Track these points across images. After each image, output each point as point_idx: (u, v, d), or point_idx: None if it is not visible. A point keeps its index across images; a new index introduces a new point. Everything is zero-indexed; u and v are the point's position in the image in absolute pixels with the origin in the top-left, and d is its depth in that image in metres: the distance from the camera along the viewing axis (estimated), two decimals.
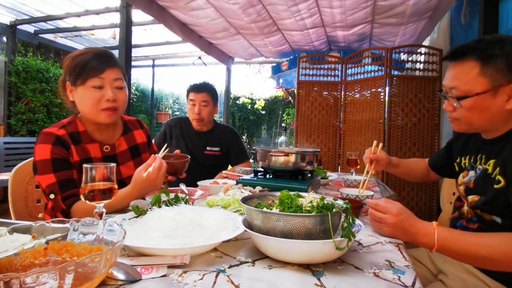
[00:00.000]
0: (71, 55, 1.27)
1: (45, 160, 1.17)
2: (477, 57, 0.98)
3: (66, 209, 1.15)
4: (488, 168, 1.02)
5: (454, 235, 0.86)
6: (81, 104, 1.26)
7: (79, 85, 1.23)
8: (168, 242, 0.75)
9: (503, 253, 0.81)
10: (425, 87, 3.23)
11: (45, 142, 1.19)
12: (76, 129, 1.29)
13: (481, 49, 0.98)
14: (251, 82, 24.16)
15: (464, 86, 1.00)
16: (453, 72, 1.04)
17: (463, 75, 1.00)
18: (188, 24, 3.97)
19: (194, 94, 2.28)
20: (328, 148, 3.74)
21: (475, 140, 1.18)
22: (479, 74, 0.97)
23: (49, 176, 1.16)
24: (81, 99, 1.25)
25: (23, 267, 0.59)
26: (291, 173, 1.49)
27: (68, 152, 1.22)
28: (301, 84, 3.81)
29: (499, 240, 0.84)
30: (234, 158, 2.38)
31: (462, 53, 1.02)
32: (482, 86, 0.97)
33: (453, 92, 1.03)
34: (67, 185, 1.17)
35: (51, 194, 1.15)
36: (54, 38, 5.80)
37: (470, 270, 1.08)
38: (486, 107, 0.98)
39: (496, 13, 2.20)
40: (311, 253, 0.70)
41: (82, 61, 1.22)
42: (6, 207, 1.51)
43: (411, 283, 0.65)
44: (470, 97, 0.99)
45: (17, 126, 5.12)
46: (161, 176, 1.13)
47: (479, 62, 0.98)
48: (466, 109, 1.01)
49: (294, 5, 3.23)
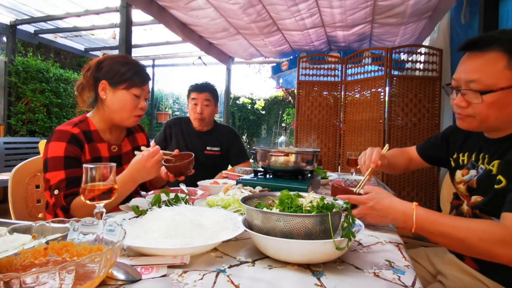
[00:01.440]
0: (115, 59, 1.37)
1: (57, 158, 1.20)
2: (504, 49, 0.89)
3: (66, 206, 1.16)
4: (492, 169, 0.98)
5: (433, 216, 0.86)
6: (116, 105, 1.34)
7: (121, 89, 1.33)
8: (168, 242, 0.75)
9: (479, 237, 0.79)
10: (425, 87, 3.23)
11: (59, 139, 1.23)
12: (88, 127, 1.34)
13: (508, 40, 0.90)
14: (251, 82, 24.17)
15: (488, 80, 0.90)
16: (472, 63, 0.94)
17: (487, 67, 0.91)
18: (188, 24, 3.97)
19: (196, 93, 2.29)
20: (328, 148, 3.74)
21: (475, 137, 1.13)
22: (506, 67, 0.89)
23: (59, 172, 1.19)
24: (120, 101, 1.34)
25: (23, 267, 0.59)
26: (291, 173, 1.49)
27: (81, 151, 1.27)
28: (301, 84, 3.81)
29: (479, 225, 0.82)
30: (234, 158, 2.38)
31: (487, 43, 0.92)
32: (509, 81, 0.89)
33: (471, 86, 0.93)
34: (73, 183, 1.19)
35: (56, 190, 1.18)
36: (54, 38, 5.80)
37: (469, 271, 1.07)
38: (509, 104, 0.91)
39: (496, 13, 2.20)
40: (311, 253, 0.70)
41: (132, 70, 1.35)
42: (6, 207, 1.51)
43: (411, 283, 0.65)
44: (495, 91, 0.90)
45: (17, 126, 5.12)
46: (154, 161, 1.19)
47: (507, 55, 0.89)
48: (486, 105, 0.92)
49: (294, 5, 3.23)
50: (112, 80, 1.33)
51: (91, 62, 1.38)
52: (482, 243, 0.79)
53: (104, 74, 1.34)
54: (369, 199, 0.93)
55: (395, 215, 0.90)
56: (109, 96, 1.34)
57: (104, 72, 1.34)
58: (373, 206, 0.92)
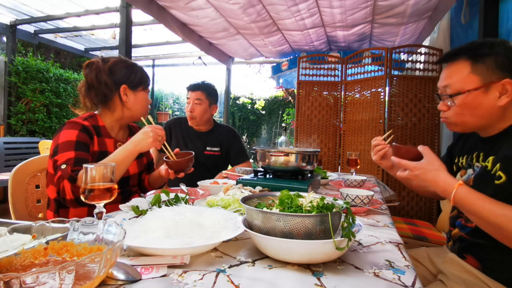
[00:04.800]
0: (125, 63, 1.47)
1: (69, 141, 1.28)
2: (468, 57, 1.04)
3: (74, 175, 1.19)
4: (487, 165, 1.02)
5: (472, 197, 0.89)
6: (138, 105, 1.49)
7: (140, 90, 1.49)
8: (168, 242, 0.75)
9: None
10: (425, 87, 3.23)
11: (72, 128, 1.32)
12: (97, 123, 1.44)
13: (471, 49, 1.04)
14: (251, 82, 24.15)
15: (456, 84, 1.05)
16: (446, 72, 1.10)
17: (455, 74, 1.06)
18: (188, 24, 3.97)
19: (189, 92, 2.33)
20: (328, 148, 3.74)
21: (472, 140, 1.19)
22: (470, 72, 1.03)
23: (69, 153, 1.25)
24: (141, 101, 1.50)
25: (23, 267, 0.59)
26: (291, 173, 1.49)
27: (91, 141, 1.37)
28: (301, 84, 3.81)
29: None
30: (234, 158, 2.38)
31: (454, 54, 1.08)
32: (474, 84, 1.02)
33: (447, 91, 1.08)
34: (81, 162, 1.24)
35: (63, 165, 1.21)
36: (54, 38, 5.80)
37: (470, 270, 1.07)
38: (478, 104, 1.02)
39: (496, 13, 2.20)
40: (311, 253, 0.70)
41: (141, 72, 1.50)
42: (6, 207, 1.51)
43: (411, 283, 0.65)
44: (462, 93, 1.03)
45: (17, 126, 5.12)
46: (154, 132, 1.31)
47: (470, 61, 1.03)
48: (459, 107, 1.05)
49: (294, 5, 3.23)
50: (132, 83, 1.46)
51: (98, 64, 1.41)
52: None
53: (121, 78, 1.44)
54: (416, 167, 0.98)
55: (435, 189, 0.95)
56: (131, 98, 1.46)
57: (120, 76, 1.44)
58: (418, 175, 0.98)
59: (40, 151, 3.93)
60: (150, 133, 1.30)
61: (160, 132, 1.33)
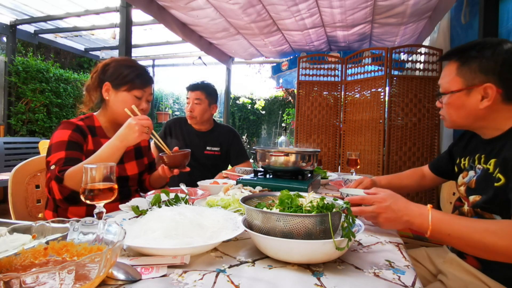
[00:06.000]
0: (119, 62, 1.43)
1: (61, 142, 1.27)
2: (457, 58, 1.06)
3: (60, 176, 1.16)
4: (489, 168, 1.02)
5: (449, 217, 0.85)
6: (117, 105, 1.40)
7: (123, 90, 1.40)
8: (168, 242, 0.75)
9: (498, 236, 0.78)
10: (425, 87, 3.23)
11: (65, 128, 1.31)
12: (92, 123, 1.43)
13: (462, 50, 1.06)
14: (251, 82, 24.13)
15: (445, 85, 1.09)
16: (442, 72, 1.14)
17: (446, 75, 1.10)
18: (188, 24, 3.97)
19: (189, 92, 2.34)
20: (328, 148, 3.74)
21: (475, 141, 1.19)
22: (456, 74, 1.05)
23: (60, 153, 1.24)
24: (121, 102, 1.40)
25: (23, 267, 0.59)
26: (291, 173, 1.49)
27: (84, 140, 1.35)
28: (301, 84, 3.81)
29: (496, 225, 0.81)
30: (234, 158, 2.38)
31: (448, 55, 1.11)
32: (457, 85, 1.05)
33: (440, 89, 1.13)
34: (70, 161, 1.22)
35: (53, 166, 1.20)
36: (54, 38, 5.80)
37: (470, 270, 1.07)
38: (461, 105, 1.05)
39: (496, 13, 2.20)
40: (311, 253, 0.70)
41: (134, 72, 1.41)
42: (6, 207, 1.51)
43: (411, 283, 0.65)
44: (447, 94, 1.08)
45: (17, 126, 5.12)
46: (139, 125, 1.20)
47: (458, 63, 1.05)
48: (446, 106, 1.10)
49: (294, 5, 3.23)
50: (115, 82, 1.40)
51: (98, 65, 1.45)
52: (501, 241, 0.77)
53: (108, 76, 1.41)
54: (384, 198, 0.90)
55: (411, 216, 0.87)
56: (112, 97, 1.41)
57: (108, 74, 1.41)
58: (389, 206, 0.88)
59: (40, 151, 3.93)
60: (136, 126, 1.20)
61: (146, 122, 1.22)
